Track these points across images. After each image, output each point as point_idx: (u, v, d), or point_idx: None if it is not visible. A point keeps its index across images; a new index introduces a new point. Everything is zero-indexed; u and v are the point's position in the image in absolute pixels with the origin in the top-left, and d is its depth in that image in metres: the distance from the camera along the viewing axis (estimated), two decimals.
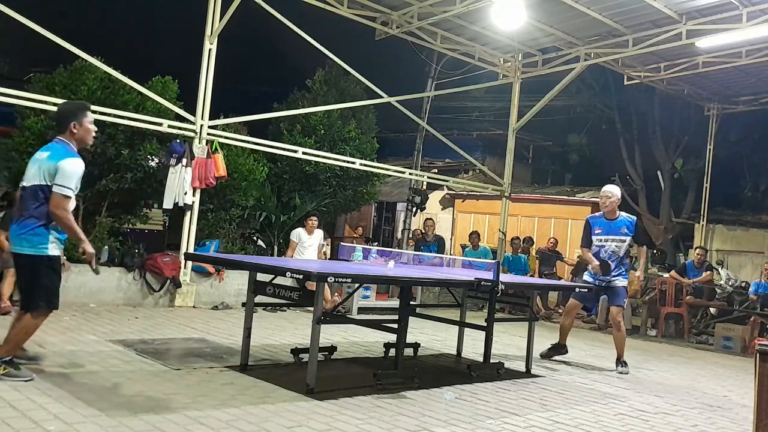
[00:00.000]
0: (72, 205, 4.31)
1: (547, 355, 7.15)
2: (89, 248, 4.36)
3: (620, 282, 6.88)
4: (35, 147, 8.66)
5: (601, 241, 6.95)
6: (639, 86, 14.31)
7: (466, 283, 5.68)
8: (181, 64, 10.73)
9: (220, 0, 8.99)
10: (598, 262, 6.85)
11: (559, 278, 12.85)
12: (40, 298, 4.26)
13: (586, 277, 7.15)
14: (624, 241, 6.87)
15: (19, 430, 3.34)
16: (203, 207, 9.53)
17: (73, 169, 4.27)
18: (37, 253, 4.24)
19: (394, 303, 8.28)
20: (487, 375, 5.78)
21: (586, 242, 7.09)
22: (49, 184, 4.23)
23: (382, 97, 11.38)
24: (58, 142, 4.45)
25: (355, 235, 15.75)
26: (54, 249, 4.30)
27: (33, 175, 4.33)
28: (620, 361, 6.86)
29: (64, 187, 4.21)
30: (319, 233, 9.58)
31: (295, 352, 5.58)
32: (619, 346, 6.91)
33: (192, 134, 8.94)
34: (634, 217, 7.06)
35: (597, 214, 7.23)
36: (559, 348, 7.18)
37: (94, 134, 4.67)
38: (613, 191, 7.03)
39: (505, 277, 6.34)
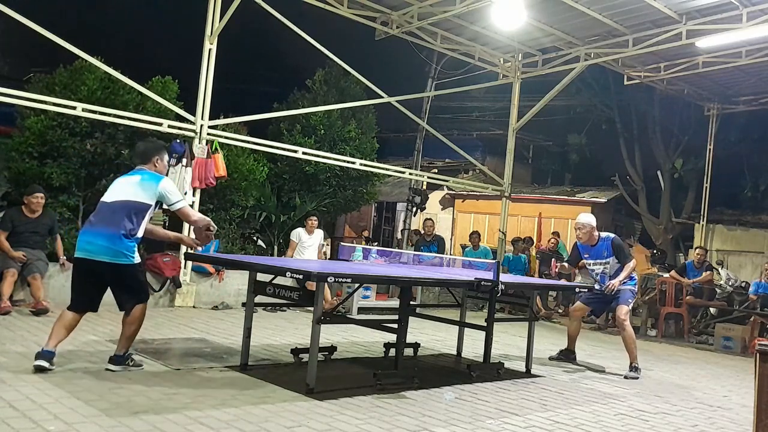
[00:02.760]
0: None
1: (555, 358, 7.16)
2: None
3: (625, 286, 6.86)
4: (35, 147, 8.77)
5: (590, 264, 7.06)
6: (639, 86, 14.30)
7: (466, 283, 5.68)
8: (181, 64, 10.74)
9: (220, 0, 8.99)
10: (558, 267, 7.46)
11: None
12: (142, 292, 4.87)
13: (596, 286, 7.09)
14: (608, 263, 6.88)
15: (19, 430, 3.33)
16: (203, 207, 9.53)
17: (171, 185, 4.90)
18: (126, 262, 4.66)
19: (394, 303, 8.28)
20: (487, 375, 5.78)
21: (571, 260, 7.37)
22: (142, 201, 4.71)
23: (382, 97, 11.37)
24: (147, 170, 4.88)
25: (356, 236, 15.76)
26: (137, 258, 4.77)
27: (129, 192, 4.73)
28: (632, 366, 6.68)
29: (178, 202, 4.81)
30: (319, 233, 9.58)
31: (295, 352, 5.58)
32: (629, 348, 6.74)
33: (192, 134, 8.94)
34: (612, 236, 6.98)
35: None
36: (568, 354, 7.16)
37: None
38: (584, 222, 6.96)
39: (505, 277, 6.34)
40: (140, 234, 4.69)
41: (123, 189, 4.73)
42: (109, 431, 3.45)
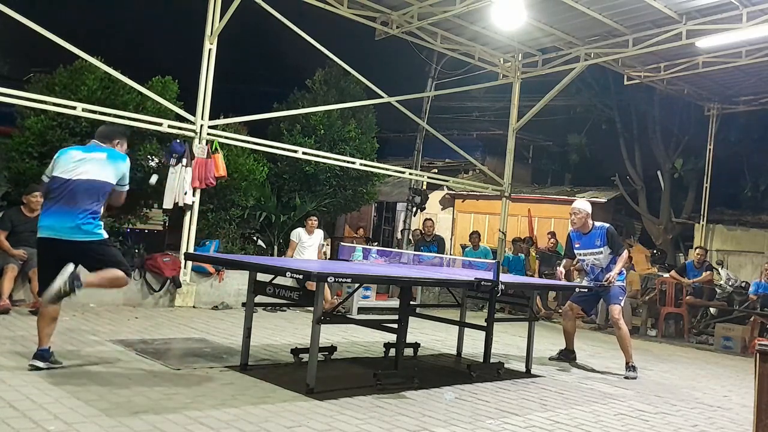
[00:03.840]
0: None
1: (554, 358, 7.16)
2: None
3: (616, 283, 6.86)
4: (35, 147, 8.77)
5: (581, 255, 7.03)
6: (639, 86, 14.30)
7: (466, 283, 5.68)
8: (181, 64, 10.74)
9: (220, 0, 8.99)
10: (561, 273, 7.22)
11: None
12: (121, 262, 4.78)
13: (584, 281, 7.17)
14: (601, 253, 6.84)
15: (19, 430, 3.33)
16: (203, 207, 9.53)
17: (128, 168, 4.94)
18: (94, 239, 4.61)
19: (394, 303, 8.28)
20: (487, 375, 5.77)
21: (569, 254, 7.28)
22: (114, 182, 4.76)
23: (382, 97, 11.38)
24: (111, 147, 4.95)
25: (356, 236, 15.75)
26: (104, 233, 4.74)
27: (99, 170, 4.72)
28: (629, 366, 6.66)
29: (127, 185, 4.92)
30: (319, 233, 9.58)
31: (295, 352, 5.58)
32: (624, 348, 6.73)
33: (192, 134, 8.94)
34: (606, 226, 6.97)
35: (576, 227, 7.10)
36: (567, 353, 7.17)
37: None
38: (580, 207, 6.98)
39: (505, 277, 6.34)
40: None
41: (93, 168, 4.67)
42: (109, 431, 3.45)
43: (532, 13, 10.00)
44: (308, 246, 9.39)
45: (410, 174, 13.03)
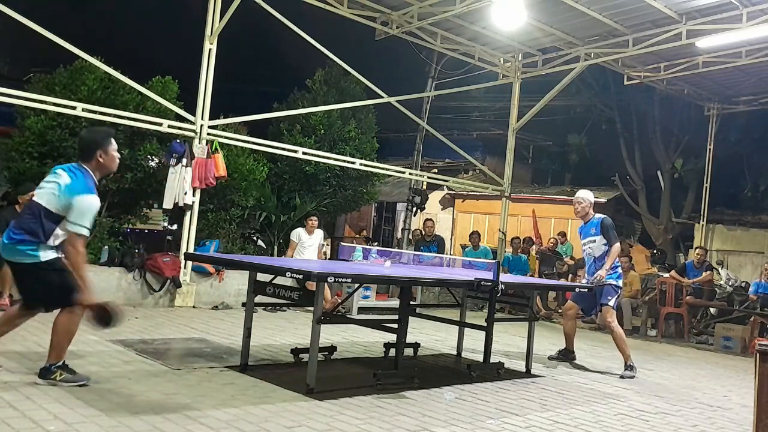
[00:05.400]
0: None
1: (554, 358, 7.17)
2: (86, 297, 4.16)
3: (608, 280, 6.84)
4: (35, 147, 8.78)
5: (582, 245, 7.09)
6: (639, 86, 14.30)
7: (466, 283, 5.68)
8: (181, 64, 10.74)
9: (220, 0, 8.99)
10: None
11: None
12: (64, 295, 4.17)
13: (582, 280, 7.21)
14: (594, 241, 6.87)
15: (19, 430, 3.34)
16: (203, 207, 9.53)
17: (91, 207, 4.20)
18: (32, 261, 4.12)
19: (394, 303, 8.28)
20: (487, 375, 5.78)
21: None
22: (59, 213, 4.13)
23: (382, 97, 11.37)
24: (81, 170, 4.29)
25: (356, 236, 15.75)
26: (48, 255, 4.16)
27: (45, 194, 4.19)
28: (627, 365, 6.66)
29: (81, 226, 4.13)
30: (319, 233, 9.57)
31: (295, 352, 5.58)
32: (621, 348, 6.74)
33: (192, 134, 8.94)
34: (602, 216, 7.05)
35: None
36: (567, 353, 7.17)
37: (117, 161, 4.53)
38: (583, 197, 7.05)
39: (505, 277, 6.34)
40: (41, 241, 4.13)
41: (46, 188, 4.23)
42: (109, 431, 3.45)
43: (532, 13, 9.99)
44: (308, 246, 9.38)
45: (410, 174, 13.03)
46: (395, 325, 5.09)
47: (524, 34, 11.05)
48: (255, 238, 11.70)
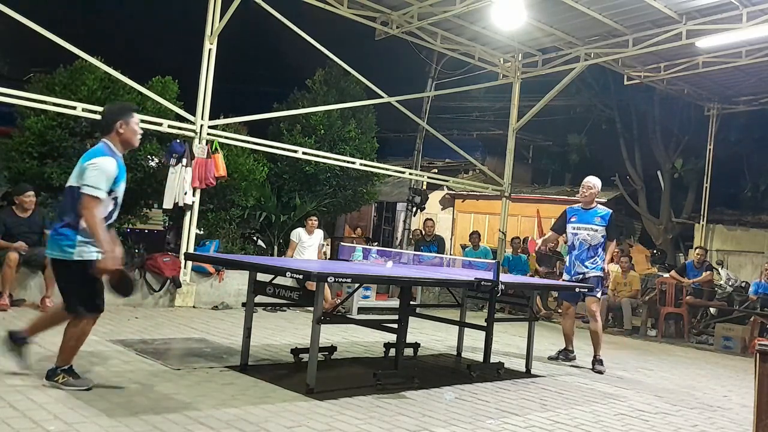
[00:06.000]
0: (103, 208, 4.12)
1: (554, 358, 7.17)
2: (105, 263, 4.07)
3: (593, 273, 6.87)
4: (35, 147, 8.77)
5: (574, 229, 7.08)
6: (639, 86, 14.29)
7: (466, 283, 5.68)
8: (181, 64, 10.73)
9: (220, 0, 8.99)
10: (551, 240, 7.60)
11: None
12: (78, 303, 4.13)
13: (564, 276, 7.23)
14: (596, 231, 6.91)
15: (19, 430, 3.33)
16: (203, 207, 9.53)
17: (102, 167, 4.08)
18: (64, 258, 4.10)
19: (394, 303, 8.28)
20: (487, 375, 5.78)
21: (556, 227, 7.40)
22: (78, 185, 4.09)
23: (382, 97, 11.37)
24: (102, 144, 4.27)
25: (354, 236, 15.75)
26: (83, 254, 4.09)
27: (72, 176, 4.21)
28: (596, 359, 6.81)
29: (91, 186, 4.03)
30: (319, 233, 9.58)
31: (295, 352, 5.58)
32: (595, 341, 6.86)
33: (192, 134, 8.94)
34: (610, 210, 7.14)
35: (576, 205, 7.34)
36: (567, 353, 7.18)
37: (140, 136, 4.47)
38: (594, 183, 7.21)
39: (505, 277, 6.34)
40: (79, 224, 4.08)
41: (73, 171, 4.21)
42: (109, 431, 3.45)
43: (532, 13, 9.99)
44: (308, 246, 9.39)
45: (410, 174, 13.03)
46: (395, 325, 5.08)
47: (524, 34, 11.05)
48: (255, 238, 11.70)
